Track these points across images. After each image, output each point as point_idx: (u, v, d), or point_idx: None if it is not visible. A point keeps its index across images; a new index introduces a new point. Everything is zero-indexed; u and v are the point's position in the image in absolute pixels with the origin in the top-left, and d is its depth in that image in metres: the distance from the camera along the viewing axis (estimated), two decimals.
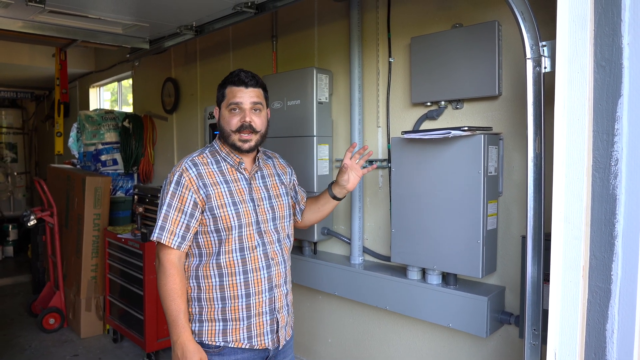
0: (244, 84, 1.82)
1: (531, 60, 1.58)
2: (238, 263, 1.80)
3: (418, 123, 2.45)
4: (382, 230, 2.69)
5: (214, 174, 1.82)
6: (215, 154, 1.88)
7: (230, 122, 1.82)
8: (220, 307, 1.81)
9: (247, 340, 1.82)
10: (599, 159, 1.33)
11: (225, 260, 1.80)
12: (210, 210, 1.78)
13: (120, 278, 3.94)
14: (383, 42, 2.62)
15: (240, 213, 1.81)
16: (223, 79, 1.89)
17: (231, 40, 3.69)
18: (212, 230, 1.79)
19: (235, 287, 1.80)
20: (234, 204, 1.81)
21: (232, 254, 1.80)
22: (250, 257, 1.82)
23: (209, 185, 1.79)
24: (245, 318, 1.81)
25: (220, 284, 1.81)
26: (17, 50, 5.76)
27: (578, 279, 1.36)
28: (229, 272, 1.80)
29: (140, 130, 4.75)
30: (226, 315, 1.81)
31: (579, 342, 1.37)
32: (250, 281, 1.81)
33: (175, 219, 1.76)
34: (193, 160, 1.83)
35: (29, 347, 4.08)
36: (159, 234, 1.76)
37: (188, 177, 1.78)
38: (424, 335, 2.51)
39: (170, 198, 1.77)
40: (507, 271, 2.19)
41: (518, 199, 2.14)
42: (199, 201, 1.78)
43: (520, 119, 2.11)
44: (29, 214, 4.47)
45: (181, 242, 1.77)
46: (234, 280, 1.80)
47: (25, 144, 8.56)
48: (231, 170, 1.86)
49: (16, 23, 3.21)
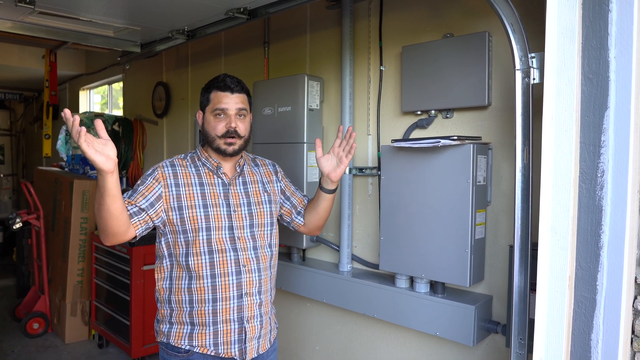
0: (229, 90, 1.84)
1: (520, 71, 1.60)
2: (206, 266, 1.80)
3: (408, 131, 2.46)
4: (371, 238, 2.69)
5: (190, 175, 1.85)
6: (196, 159, 1.91)
7: (216, 127, 1.84)
8: (188, 310, 1.81)
9: (213, 346, 1.81)
10: (586, 170, 1.34)
11: (193, 262, 1.80)
12: (179, 210, 1.79)
13: (107, 283, 3.91)
14: (374, 50, 2.64)
15: (209, 216, 1.81)
16: (207, 84, 1.90)
17: (223, 45, 3.69)
18: (179, 231, 1.80)
19: (203, 291, 1.80)
20: (205, 206, 1.82)
21: (199, 257, 1.80)
22: (219, 261, 1.81)
23: (182, 185, 1.82)
24: (212, 323, 1.81)
25: (189, 286, 1.81)
26: (6, 50, 5.71)
27: (564, 289, 1.37)
28: (196, 274, 1.80)
29: (130, 134, 4.72)
30: (193, 318, 1.81)
31: (564, 351, 1.38)
32: (217, 286, 1.80)
33: (137, 198, 1.75)
34: (172, 161, 1.88)
35: (11, 352, 4.02)
36: (127, 199, 1.74)
37: (161, 172, 1.82)
38: (411, 344, 2.51)
39: (139, 184, 1.79)
40: (494, 280, 2.20)
41: (506, 209, 2.16)
42: (164, 196, 1.79)
43: (509, 129, 2.12)
44: (15, 216, 4.42)
45: (134, 208, 1.73)
46: (201, 283, 1.80)
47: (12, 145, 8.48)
48: (209, 174, 1.88)
49: (5, 23, 3.18)
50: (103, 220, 1.64)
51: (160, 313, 1.90)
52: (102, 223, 1.65)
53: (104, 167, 1.53)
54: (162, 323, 1.88)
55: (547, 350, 1.41)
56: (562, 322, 1.38)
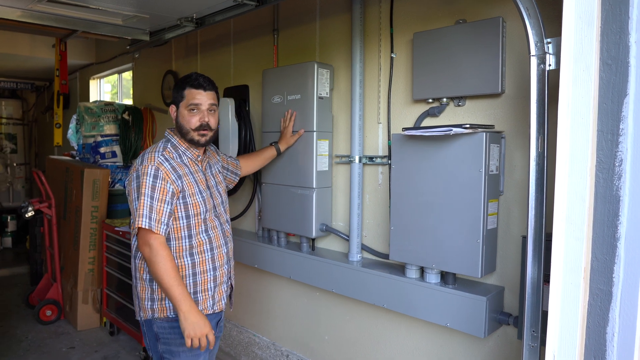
0: (202, 87, 2.09)
1: (535, 57, 1.56)
2: (206, 242, 2.12)
3: (419, 120, 2.42)
4: (381, 228, 2.67)
5: (182, 166, 2.08)
6: (176, 148, 2.12)
7: (190, 120, 2.08)
8: (192, 282, 2.08)
9: (211, 306, 2.14)
10: (603, 159, 1.30)
11: (197, 240, 2.09)
12: (183, 199, 2.04)
13: (117, 271, 3.93)
14: (385, 37, 2.59)
15: (205, 199, 2.11)
16: (180, 81, 2.14)
17: (232, 33, 3.65)
18: (182, 217, 2.05)
19: (205, 263, 2.11)
20: (200, 192, 2.10)
21: (200, 235, 2.10)
22: (214, 236, 2.15)
23: (182, 176, 2.05)
24: (213, 288, 2.14)
25: (192, 261, 2.08)
26: (18, 40, 5.73)
27: (579, 281, 1.34)
28: (199, 250, 2.09)
29: (139, 123, 4.72)
30: (197, 287, 2.09)
31: (578, 344, 1.35)
32: (215, 257, 2.15)
33: (160, 209, 1.96)
34: (163, 155, 2.05)
35: (25, 339, 4.07)
36: (149, 223, 1.93)
37: (164, 171, 2.00)
38: (421, 335, 2.49)
39: (151, 190, 1.96)
40: (506, 271, 2.17)
41: (519, 199, 2.12)
42: (176, 191, 2.01)
43: (522, 117, 2.08)
44: (27, 205, 4.45)
45: (166, 229, 1.99)
46: (203, 257, 2.11)
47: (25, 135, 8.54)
48: (192, 163, 2.13)
49: (15, 12, 3.17)
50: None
51: (158, 291, 2.07)
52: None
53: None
54: (164, 300, 2.06)
55: (560, 343, 1.38)
56: (576, 315, 1.35)
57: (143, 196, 1.94)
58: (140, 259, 2.11)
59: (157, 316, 2.07)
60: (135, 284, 2.15)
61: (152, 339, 2.14)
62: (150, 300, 2.08)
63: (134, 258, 2.15)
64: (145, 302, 2.09)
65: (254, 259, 3.19)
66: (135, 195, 1.97)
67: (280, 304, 3.34)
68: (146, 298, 2.09)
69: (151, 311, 2.08)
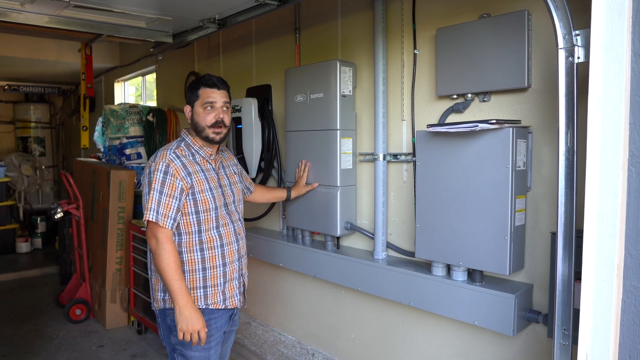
0: (216, 86, 2.18)
1: (564, 50, 1.52)
2: (216, 238, 2.19)
3: (444, 116, 2.40)
4: (406, 225, 2.65)
5: (193, 163, 2.16)
6: (190, 147, 2.21)
7: (205, 118, 2.17)
8: (201, 276, 2.16)
9: (222, 302, 2.20)
10: (636, 153, 1.27)
11: (206, 237, 2.16)
12: (192, 195, 2.12)
13: (144, 270, 3.99)
14: (408, 33, 2.57)
15: (214, 197, 2.18)
16: (194, 82, 2.22)
17: (254, 33, 3.67)
18: (192, 212, 2.13)
19: (215, 259, 2.18)
20: (210, 189, 2.17)
21: (211, 231, 2.17)
22: (224, 233, 2.22)
23: (192, 173, 2.13)
24: (222, 284, 2.20)
25: (202, 256, 2.16)
26: (45, 46, 5.87)
27: (612, 278, 1.31)
28: (209, 246, 2.17)
29: (163, 124, 4.78)
30: (207, 282, 2.16)
31: (612, 342, 1.32)
32: (225, 253, 2.21)
33: (167, 204, 2.05)
34: (175, 152, 2.14)
35: (56, 337, 4.17)
36: (156, 217, 2.03)
37: (175, 167, 2.09)
38: (448, 333, 2.47)
39: (160, 185, 2.05)
40: (535, 268, 2.14)
41: (547, 195, 2.08)
42: (185, 188, 2.10)
43: (550, 111, 2.04)
44: (56, 206, 4.56)
45: (172, 224, 2.07)
46: (213, 253, 2.18)
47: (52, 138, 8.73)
48: (204, 161, 2.21)
49: (42, 18, 3.26)
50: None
51: None
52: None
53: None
54: None
55: (593, 341, 1.35)
56: (609, 313, 1.32)
57: (153, 191, 2.05)
58: None
59: (167, 307, 2.15)
60: (151, 276, 2.25)
61: (166, 330, 2.23)
62: (162, 291, 2.18)
63: (149, 251, 2.24)
64: (158, 293, 2.19)
65: (279, 257, 3.21)
66: (146, 190, 2.09)
67: (306, 303, 3.35)
68: (159, 289, 2.19)
69: (163, 302, 2.17)
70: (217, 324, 2.22)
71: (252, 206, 3.64)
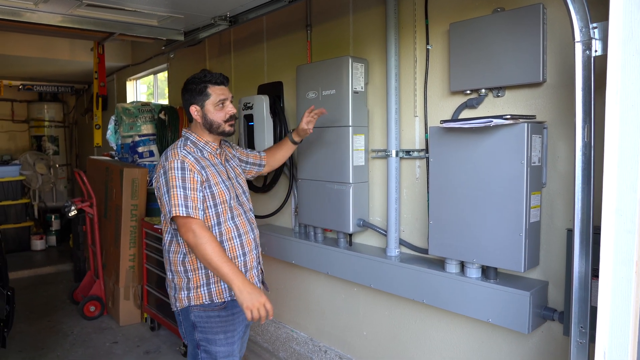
0: (223, 83, 2.27)
1: (580, 43, 1.50)
2: (234, 228, 2.23)
3: (457, 112, 2.37)
4: (419, 222, 2.63)
5: (203, 159, 2.20)
6: (195, 144, 2.25)
7: (220, 114, 2.23)
8: None
9: None
10: None
11: (225, 228, 2.20)
12: (209, 188, 2.16)
13: (157, 268, 4.01)
14: (420, 28, 2.55)
15: (228, 188, 2.23)
16: (196, 82, 2.24)
17: (265, 30, 3.67)
18: (210, 206, 2.16)
19: (234, 249, 2.22)
20: (222, 181, 2.22)
21: (228, 222, 2.21)
22: (240, 223, 2.26)
23: (205, 167, 2.17)
24: (244, 273, 2.17)
25: (223, 248, 2.11)
26: (58, 45, 5.91)
27: (630, 275, 1.29)
28: (228, 237, 2.21)
29: (175, 122, 4.80)
30: None
31: (631, 340, 1.30)
32: (244, 243, 2.25)
33: (193, 197, 2.08)
34: (185, 149, 2.18)
35: (71, 333, 4.21)
36: (186, 210, 2.04)
37: (190, 163, 2.13)
38: (462, 330, 2.46)
39: (181, 181, 2.08)
40: (550, 265, 2.11)
41: (563, 191, 2.05)
42: (202, 180, 2.14)
43: (565, 106, 2.01)
44: (70, 204, 4.60)
45: (202, 215, 2.10)
46: (232, 243, 2.22)
47: (66, 136, 8.82)
48: (211, 156, 2.27)
49: (56, 17, 3.29)
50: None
51: (193, 280, 2.18)
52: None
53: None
54: (199, 288, 2.18)
55: (611, 339, 1.33)
56: (628, 310, 1.30)
57: (175, 188, 2.06)
58: (174, 253, 2.23)
59: (192, 304, 2.17)
60: (171, 277, 2.25)
61: (189, 328, 2.23)
62: (186, 289, 2.19)
63: (167, 252, 2.27)
64: (182, 292, 2.20)
65: (291, 254, 3.21)
66: (165, 189, 2.09)
67: (318, 300, 3.34)
68: (182, 288, 2.20)
69: (187, 299, 2.19)
70: (240, 318, 2.24)
71: (264, 203, 3.65)
